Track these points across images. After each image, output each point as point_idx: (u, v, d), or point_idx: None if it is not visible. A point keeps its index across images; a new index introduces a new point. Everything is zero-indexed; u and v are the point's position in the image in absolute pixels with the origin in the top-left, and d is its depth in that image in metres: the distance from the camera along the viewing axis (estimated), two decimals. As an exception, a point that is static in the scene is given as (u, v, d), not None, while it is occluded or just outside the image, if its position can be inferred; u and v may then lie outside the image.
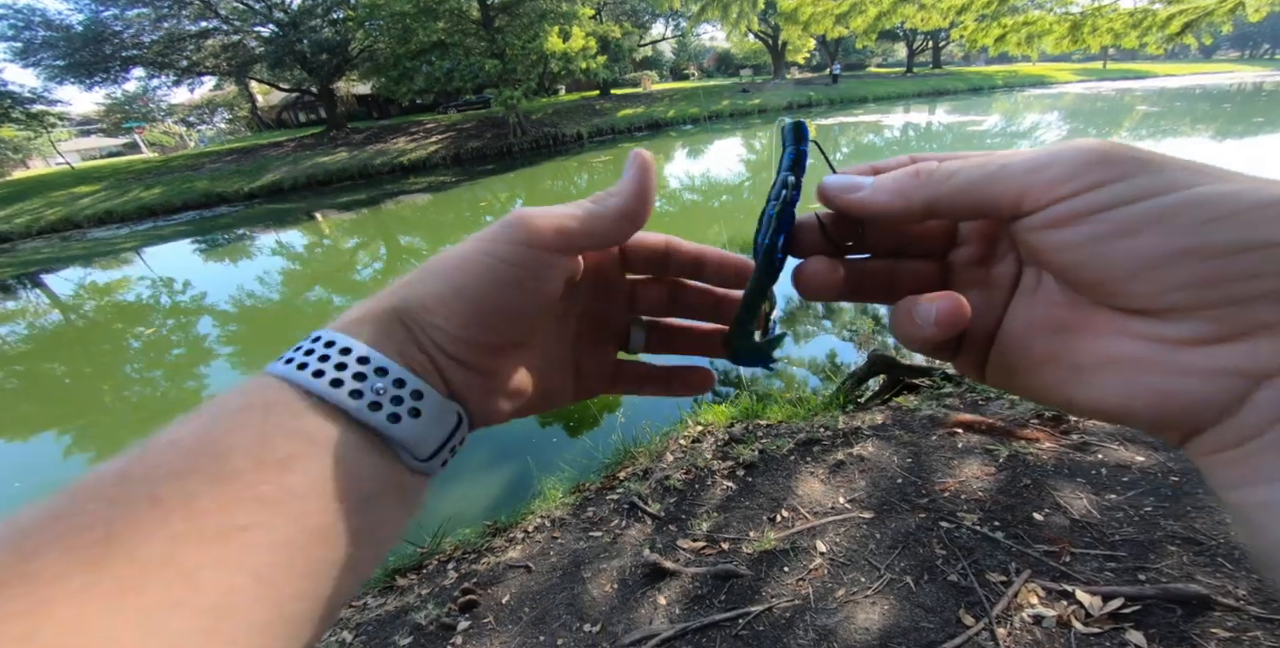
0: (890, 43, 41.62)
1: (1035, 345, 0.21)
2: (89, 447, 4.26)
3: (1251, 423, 0.16)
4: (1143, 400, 0.18)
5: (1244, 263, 0.16)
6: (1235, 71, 40.33)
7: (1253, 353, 0.16)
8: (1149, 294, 0.17)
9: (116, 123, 30.38)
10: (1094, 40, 5.80)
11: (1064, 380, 0.20)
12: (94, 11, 17.88)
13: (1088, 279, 0.19)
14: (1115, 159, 0.18)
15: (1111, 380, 0.18)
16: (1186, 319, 0.17)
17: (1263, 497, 0.16)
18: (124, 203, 15.32)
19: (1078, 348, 0.20)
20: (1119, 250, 0.17)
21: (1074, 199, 0.18)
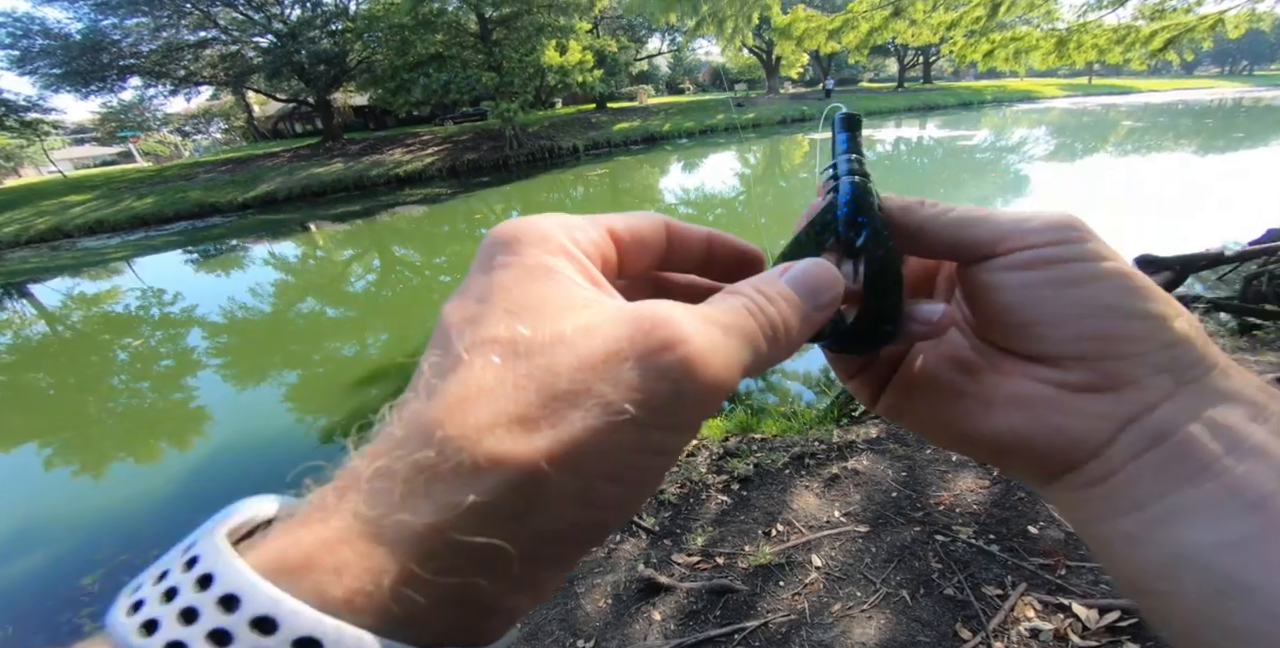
0: (882, 58, 42.45)
1: (943, 381, 0.24)
2: (72, 459, 4.19)
3: (1116, 460, 0.19)
4: (1040, 434, 0.21)
5: (1135, 327, 0.20)
6: (1216, 87, 41.41)
7: (1121, 401, 0.19)
8: (1065, 341, 0.20)
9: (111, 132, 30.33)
10: (1079, 56, 5.94)
11: (973, 413, 0.23)
12: (93, 20, 17.95)
13: (1024, 320, 0.21)
14: (1078, 227, 0.21)
15: (1018, 415, 0.21)
16: (1078, 368, 0.20)
17: (1122, 527, 0.19)
18: (116, 212, 15.24)
19: (986, 386, 0.22)
20: (1064, 297, 0.20)
21: (1043, 248, 0.21)
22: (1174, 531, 0.18)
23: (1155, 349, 0.19)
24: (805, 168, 14.99)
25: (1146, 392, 0.19)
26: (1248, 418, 0.18)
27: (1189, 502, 0.18)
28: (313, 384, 5.04)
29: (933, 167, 13.93)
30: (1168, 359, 0.19)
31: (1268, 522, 0.16)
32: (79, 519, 3.30)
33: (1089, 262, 0.21)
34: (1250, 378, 0.20)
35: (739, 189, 12.84)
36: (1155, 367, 0.19)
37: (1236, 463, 0.17)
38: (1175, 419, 0.19)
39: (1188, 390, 0.19)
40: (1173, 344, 0.20)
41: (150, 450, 4.21)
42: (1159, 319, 0.20)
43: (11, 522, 3.39)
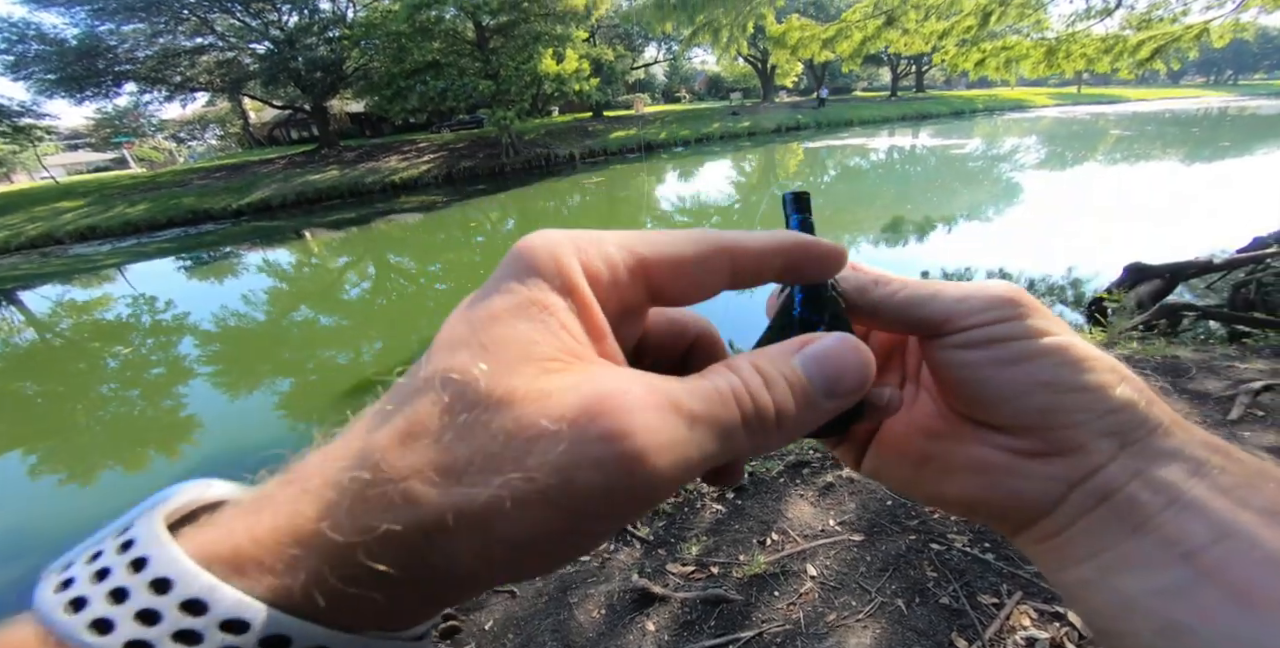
0: (875, 67, 42.97)
1: (912, 447, 0.26)
2: (58, 467, 4.13)
3: (1067, 516, 0.22)
4: (998, 497, 0.23)
5: (1074, 399, 0.21)
6: (1202, 97, 42.16)
7: (1069, 465, 0.21)
8: (1013, 413, 0.22)
9: (105, 137, 30.24)
10: (1068, 65, 6.03)
11: (937, 478, 0.25)
12: (89, 26, 17.92)
13: (975, 394, 0.23)
14: (1019, 303, 0.23)
15: (976, 480, 0.24)
16: (1029, 436, 0.22)
17: (1077, 575, 0.21)
18: (108, 219, 15.15)
19: (949, 452, 0.25)
20: (1005, 374, 0.22)
21: (984, 328, 0.23)
22: (1120, 579, 0.20)
23: (1095, 417, 0.21)
24: (800, 176, 15.09)
25: (1092, 455, 0.21)
26: (1187, 474, 0.20)
27: (1132, 553, 0.20)
28: (305, 393, 4.99)
29: (926, 175, 14.07)
30: (1110, 424, 0.21)
31: (1198, 570, 0.18)
32: (66, 528, 3.25)
33: (1027, 339, 0.22)
34: (1194, 434, 0.21)
35: (735, 197, 12.92)
36: (1098, 432, 0.21)
37: (1174, 517, 0.19)
38: (1118, 479, 0.21)
39: (1131, 452, 0.21)
40: (1113, 411, 0.21)
41: (139, 459, 4.16)
42: (1097, 390, 0.21)
43: None
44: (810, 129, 26.39)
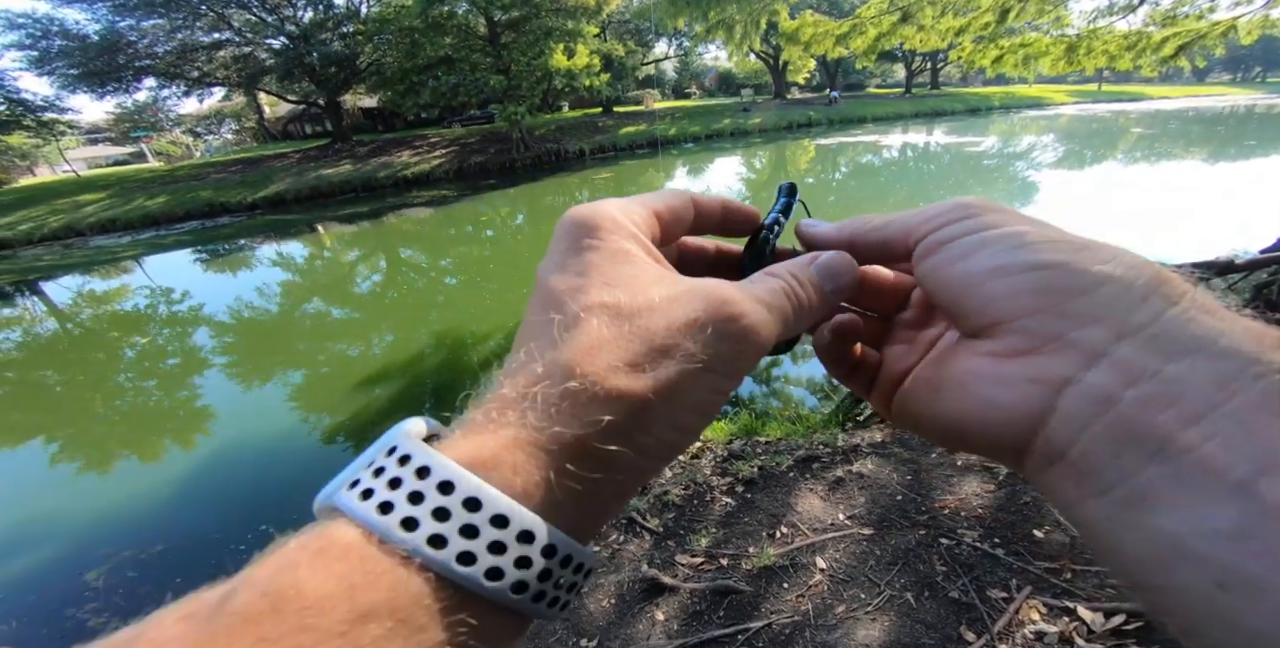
0: (889, 64, 42.47)
1: (926, 378, 0.24)
2: (76, 456, 4.22)
3: (1062, 432, 0.17)
4: (974, 409, 0.20)
5: (1034, 279, 0.19)
6: (1228, 94, 41.14)
7: (1047, 363, 0.18)
8: (978, 310, 0.20)
9: (125, 132, 30.69)
10: (1089, 62, 5.91)
11: (928, 400, 0.23)
12: (111, 22, 18.19)
13: (947, 298, 0.22)
14: (969, 205, 0.23)
15: (953, 393, 0.21)
16: (1006, 334, 0.20)
17: (1096, 511, 0.16)
18: (127, 211, 15.41)
19: (944, 372, 0.22)
20: (961, 269, 0.21)
21: (935, 233, 0.23)
22: (1151, 517, 0.15)
23: (1065, 299, 0.18)
24: (811, 173, 14.99)
25: (1074, 348, 0.18)
26: (1221, 375, 0.15)
27: (1160, 484, 0.15)
28: (317, 384, 5.07)
29: (939, 173, 13.91)
30: (1089, 307, 0.18)
31: (1259, 508, 0.14)
32: (83, 515, 3.33)
33: (976, 233, 0.21)
34: (1235, 321, 0.16)
35: (744, 194, 12.86)
36: (1075, 318, 0.18)
37: (1205, 437, 0.15)
38: (1116, 381, 0.16)
39: (1134, 343, 0.17)
40: (1086, 290, 0.18)
41: (155, 448, 4.24)
42: (1060, 267, 0.19)
43: (16, 517, 3.42)
44: (822, 126, 26.17)
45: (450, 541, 0.16)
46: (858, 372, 0.29)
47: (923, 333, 0.27)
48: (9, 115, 18.51)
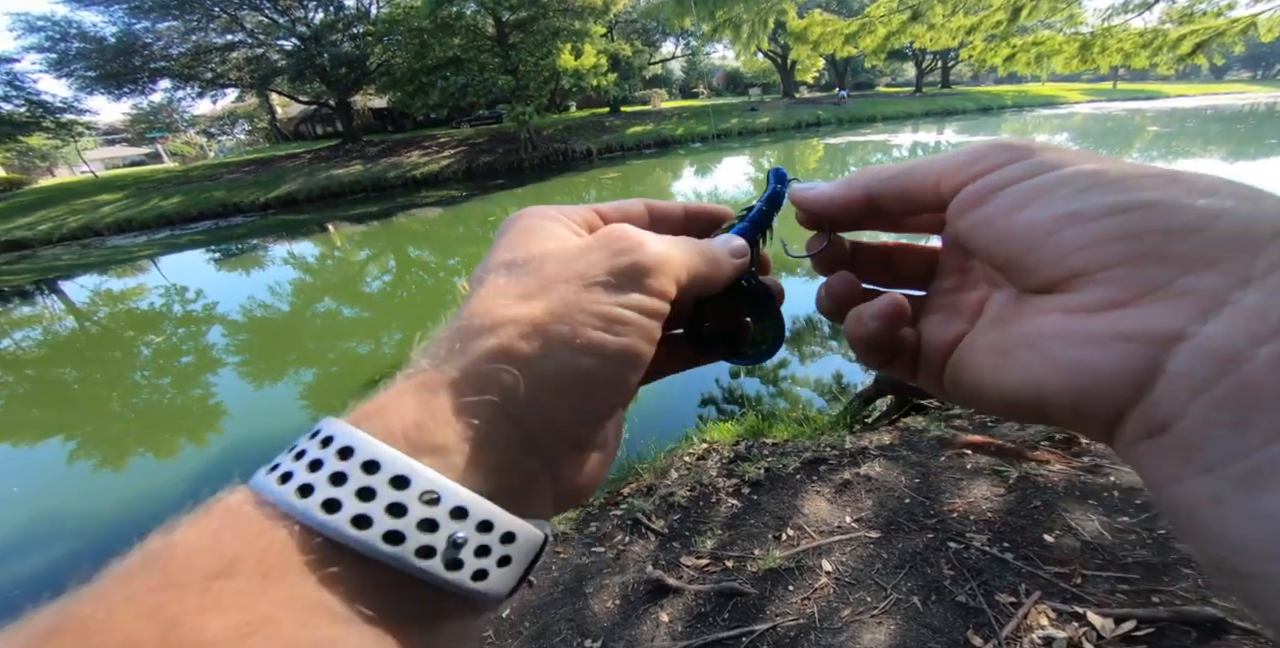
0: (899, 62, 42.14)
1: (984, 346, 0.21)
2: (93, 453, 4.29)
3: (1172, 398, 0.14)
4: (1056, 374, 0.17)
5: (1123, 224, 0.16)
6: (1247, 92, 40.34)
7: (1148, 316, 0.15)
8: (1049, 262, 0.17)
9: (141, 133, 31.19)
10: (1104, 60, 5.83)
11: (995, 367, 0.19)
12: (127, 24, 18.53)
13: (1005, 254, 0.19)
14: (1011, 146, 0.20)
15: (1027, 358, 0.18)
16: (1088, 286, 0.16)
17: (1203, 490, 0.14)
18: (143, 211, 15.65)
19: (1010, 335, 0.19)
20: (1017, 223, 0.18)
21: (977, 181, 0.20)
22: (1274, 499, 0.13)
23: (1171, 242, 0.15)
24: (820, 173, 14.91)
25: (1186, 296, 0.14)
26: None
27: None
28: (328, 383, 5.12)
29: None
30: (1202, 248, 0.14)
31: None
32: (98, 512, 3.38)
33: (1030, 179, 0.18)
34: None
35: (751, 193, 12.81)
36: (1186, 261, 0.15)
37: None
38: (1244, 332, 0.13)
39: (1262, 288, 0.13)
40: (1200, 227, 0.15)
41: (169, 446, 4.31)
42: (1156, 206, 0.15)
43: (34, 513, 3.49)
44: (831, 125, 26.00)
45: (317, 489, 0.15)
46: (898, 356, 0.25)
47: (960, 298, 0.24)
48: (29, 117, 18.88)
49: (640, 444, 2.89)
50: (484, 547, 0.17)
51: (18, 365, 6.55)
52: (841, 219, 0.27)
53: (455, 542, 0.16)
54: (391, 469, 0.16)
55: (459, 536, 0.16)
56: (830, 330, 4.61)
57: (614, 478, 2.59)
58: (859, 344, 0.24)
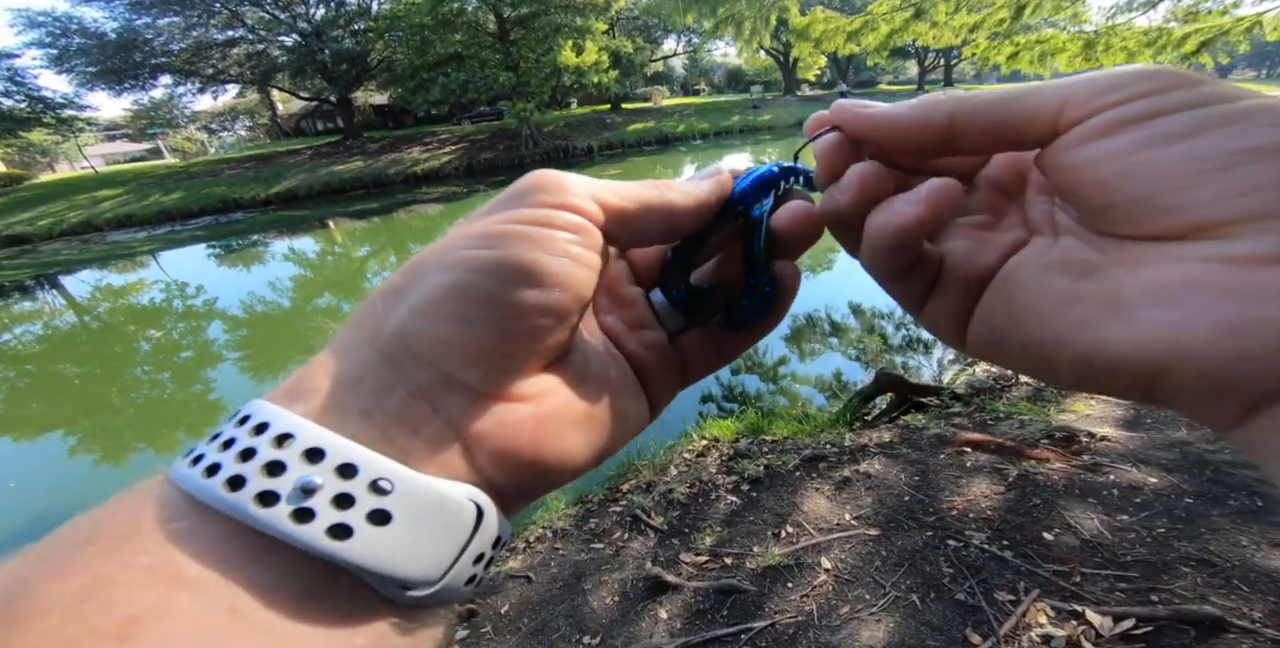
0: (901, 60, 42.00)
1: (1052, 288, 0.17)
2: (93, 448, 4.30)
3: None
4: (1203, 336, 0.13)
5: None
6: (1249, 92, 40.17)
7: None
8: (1208, 203, 0.14)
9: (141, 128, 31.15)
10: (1108, 59, 5.81)
11: (1094, 321, 0.16)
12: (127, 20, 18.48)
13: (1132, 194, 0.15)
14: (1167, 73, 0.16)
15: (1161, 313, 0.14)
16: (1259, 233, 0.13)
17: None
18: (144, 207, 15.64)
19: (1115, 282, 0.16)
20: (1166, 157, 0.15)
21: (1120, 107, 0.16)
22: None
23: None
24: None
25: None
26: None
27: None
28: (329, 378, 5.11)
29: (952, 170, 13.75)
30: None
31: None
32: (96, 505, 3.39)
33: (1196, 108, 0.15)
34: None
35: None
36: None
37: None
38: None
39: None
40: None
41: (169, 441, 4.31)
42: None
43: (35, 509, 3.49)
44: (833, 123, 25.91)
45: (206, 455, 0.15)
46: (916, 267, 0.20)
47: (991, 235, 0.20)
48: (30, 112, 18.86)
49: (640, 441, 2.90)
50: (345, 495, 0.14)
51: (18, 360, 6.55)
52: (905, 153, 0.21)
53: (304, 487, 0.14)
54: (256, 418, 0.15)
55: (310, 480, 0.14)
56: (830, 327, 4.61)
57: (613, 474, 2.59)
58: (886, 239, 0.19)
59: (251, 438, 0.15)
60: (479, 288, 0.16)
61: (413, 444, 0.16)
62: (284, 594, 0.13)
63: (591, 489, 2.50)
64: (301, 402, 0.16)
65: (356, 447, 0.15)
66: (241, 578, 0.13)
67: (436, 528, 0.15)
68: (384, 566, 0.14)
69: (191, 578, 0.12)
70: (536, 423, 0.17)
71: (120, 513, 0.14)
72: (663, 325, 0.25)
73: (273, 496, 0.13)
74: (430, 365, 0.16)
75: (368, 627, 0.14)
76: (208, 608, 0.12)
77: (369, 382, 0.16)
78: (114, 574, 0.12)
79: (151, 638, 0.11)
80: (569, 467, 0.18)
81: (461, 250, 0.17)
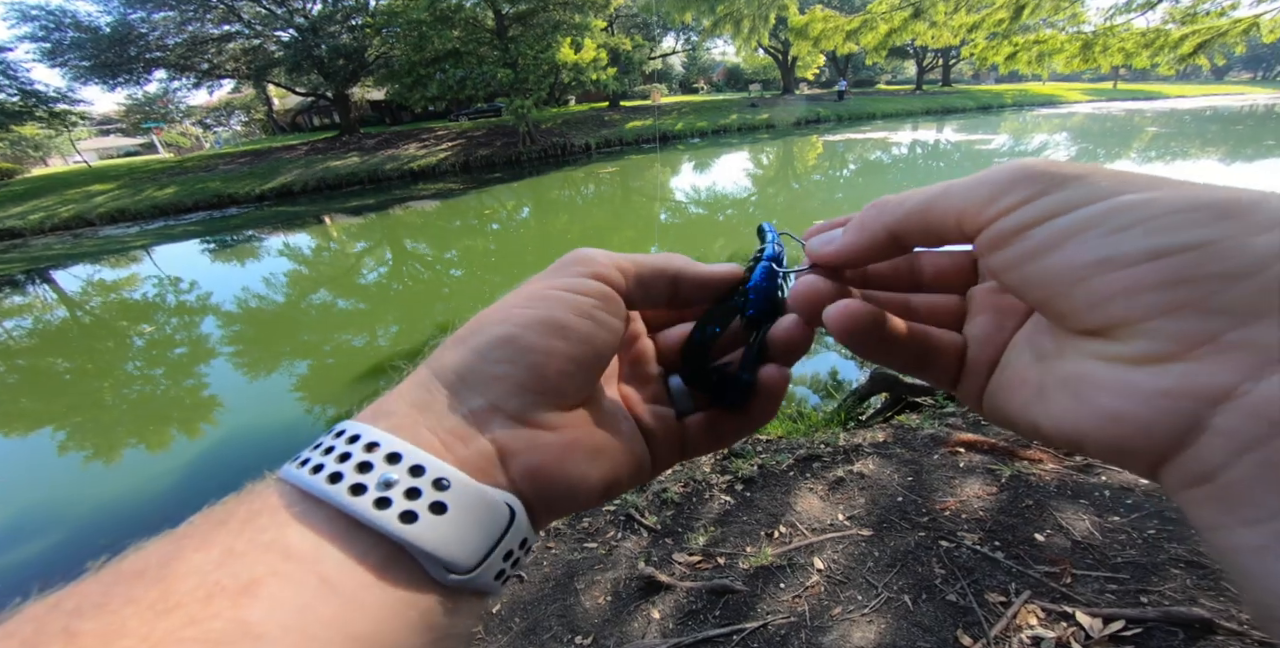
0: (900, 60, 42.00)
1: (1019, 368, 0.20)
2: (85, 444, 4.27)
3: (1215, 453, 0.14)
4: (1090, 422, 0.16)
5: (1164, 270, 0.14)
6: (1247, 93, 40.31)
7: (1194, 373, 0.14)
8: (1086, 309, 0.16)
9: (135, 123, 30.88)
10: (1105, 60, 5.83)
11: (1029, 402, 0.19)
12: (122, 13, 18.28)
13: (1036, 299, 0.18)
14: (1037, 175, 0.18)
15: (1063, 400, 0.17)
16: (1133, 337, 0.15)
17: (1247, 540, 0.14)
18: (137, 202, 15.52)
19: (1048, 369, 0.19)
20: (1050, 265, 0.17)
21: (1004, 219, 0.18)
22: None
23: (1219, 290, 0.14)
24: (819, 170, 14.88)
25: (1235, 351, 0.14)
26: None
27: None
28: (323, 375, 5.10)
29: (949, 170, 13.76)
30: (1255, 296, 0.13)
31: None
32: (89, 504, 3.36)
33: (1061, 216, 0.17)
34: None
35: (750, 190, 12.79)
36: (1236, 313, 0.14)
37: None
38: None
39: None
40: (1252, 272, 0.13)
41: (161, 437, 4.28)
42: (1202, 248, 0.14)
43: (25, 503, 3.47)
44: (830, 122, 25.92)
45: (311, 459, 0.19)
46: (933, 360, 0.23)
47: (1007, 299, 0.23)
48: (22, 106, 18.65)
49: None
50: (414, 489, 0.18)
51: (8, 355, 6.49)
52: (871, 262, 0.25)
53: (386, 481, 0.18)
54: (352, 431, 0.20)
55: (389, 476, 0.18)
56: (826, 328, 4.59)
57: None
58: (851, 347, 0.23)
59: (347, 445, 0.19)
60: (522, 338, 0.22)
61: (464, 455, 0.20)
62: (362, 568, 0.17)
63: (585, 488, 2.49)
64: (384, 419, 0.20)
65: (425, 453, 0.19)
66: (333, 553, 0.17)
67: (479, 522, 0.19)
68: (438, 548, 0.18)
69: (297, 552, 0.16)
70: (560, 448, 0.22)
71: (245, 503, 0.18)
72: (674, 405, 0.28)
73: (361, 487, 0.18)
74: (481, 396, 0.21)
75: (420, 601, 0.18)
76: (305, 576, 0.16)
77: (435, 406, 0.21)
78: (241, 547, 0.16)
79: (264, 596, 0.15)
80: (584, 488, 0.22)
81: (514, 309, 0.23)
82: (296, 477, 0.18)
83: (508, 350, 0.21)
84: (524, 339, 0.22)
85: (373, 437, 0.19)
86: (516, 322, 0.22)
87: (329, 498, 0.17)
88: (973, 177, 0.19)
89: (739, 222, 9.62)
